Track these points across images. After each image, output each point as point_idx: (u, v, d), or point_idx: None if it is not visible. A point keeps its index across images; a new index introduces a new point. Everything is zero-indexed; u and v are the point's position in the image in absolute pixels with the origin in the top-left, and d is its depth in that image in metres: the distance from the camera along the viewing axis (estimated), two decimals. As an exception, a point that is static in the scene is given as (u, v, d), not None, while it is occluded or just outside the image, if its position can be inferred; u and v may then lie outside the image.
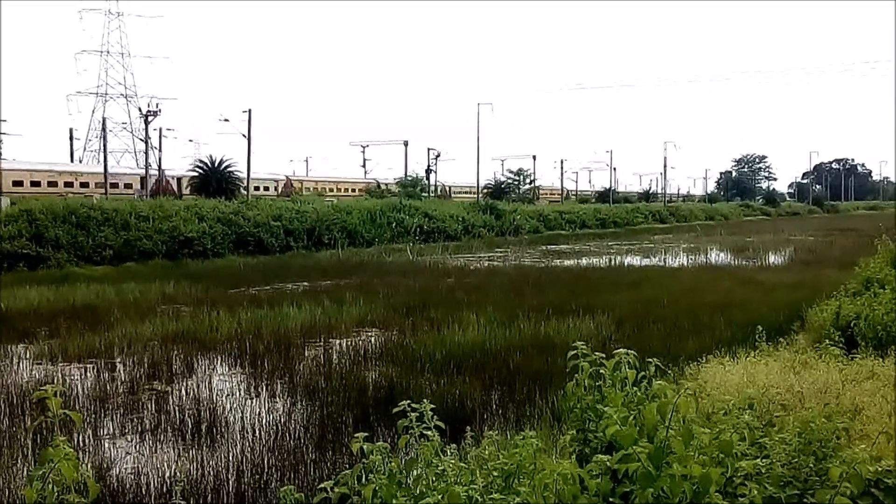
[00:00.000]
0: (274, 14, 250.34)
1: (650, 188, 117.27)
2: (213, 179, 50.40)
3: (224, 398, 9.83)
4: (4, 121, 66.29)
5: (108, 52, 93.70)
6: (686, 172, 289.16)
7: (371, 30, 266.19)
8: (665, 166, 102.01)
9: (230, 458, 7.59)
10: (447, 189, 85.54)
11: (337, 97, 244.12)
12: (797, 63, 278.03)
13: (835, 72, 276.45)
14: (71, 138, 74.03)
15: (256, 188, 65.70)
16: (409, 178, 73.28)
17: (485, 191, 77.30)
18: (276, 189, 69.45)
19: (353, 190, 76.68)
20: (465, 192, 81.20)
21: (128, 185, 55.69)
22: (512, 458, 4.00)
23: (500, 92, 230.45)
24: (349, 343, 13.01)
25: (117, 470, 7.31)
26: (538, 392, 9.41)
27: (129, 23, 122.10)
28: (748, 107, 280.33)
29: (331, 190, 72.60)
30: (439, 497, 3.76)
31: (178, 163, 63.66)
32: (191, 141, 76.99)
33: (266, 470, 7.25)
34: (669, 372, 7.20)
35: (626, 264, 29.95)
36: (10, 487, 6.85)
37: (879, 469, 3.69)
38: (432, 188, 74.51)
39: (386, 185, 75.52)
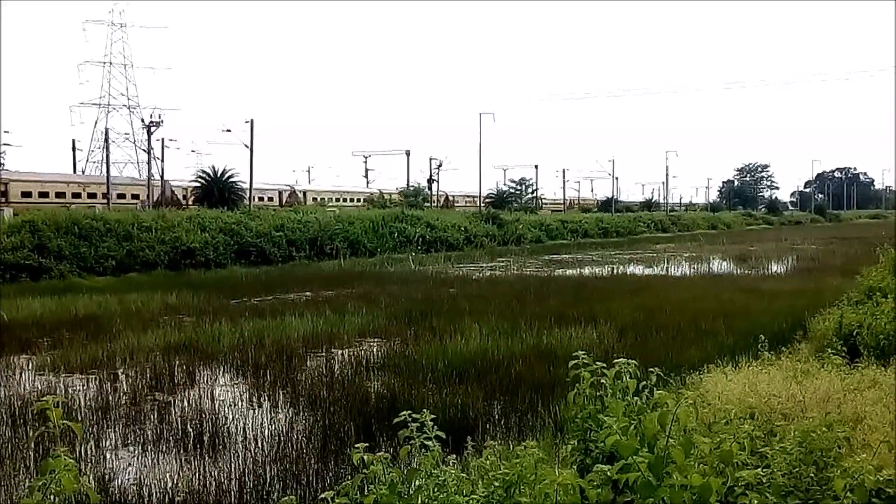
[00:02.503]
0: (276, 23, 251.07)
1: (652, 197, 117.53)
2: (216, 189, 50.50)
3: (226, 408, 9.83)
4: (7, 132, 67.01)
5: (110, 62, 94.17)
6: (688, 181, 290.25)
7: (373, 38, 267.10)
8: (667, 175, 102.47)
9: (232, 468, 7.59)
10: (453, 198, 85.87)
11: (339, 106, 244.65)
12: (799, 71, 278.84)
13: (837, 80, 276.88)
14: (74, 149, 74.48)
15: (351, 199, 66.87)
16: (412, 188, 73.45)
17: (487, 200, 77.40)
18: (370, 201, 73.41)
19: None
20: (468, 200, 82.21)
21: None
22: (513, 468, 4.00)
23: (502, 100, 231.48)
24: (351, 353, 13.01)
25: (119, 481, 7.31)
26: (540, 401, 9.39)
27: (131, 34, 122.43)
28: (750, 115, 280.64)
29: None
30: (440, 507, 3.76)
31: (181, 173, 63.91)
32: (193, 151, 77.29)
33: (268, 480, 7.24)
34: (671, 381, 7.21)
35: (628, 273, 29.92)
36: (12, 498, 6.85)
37: (881, 478, 3.69)
38: (434, 198, 74.60)
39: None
